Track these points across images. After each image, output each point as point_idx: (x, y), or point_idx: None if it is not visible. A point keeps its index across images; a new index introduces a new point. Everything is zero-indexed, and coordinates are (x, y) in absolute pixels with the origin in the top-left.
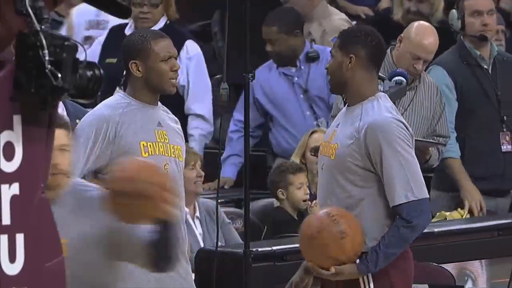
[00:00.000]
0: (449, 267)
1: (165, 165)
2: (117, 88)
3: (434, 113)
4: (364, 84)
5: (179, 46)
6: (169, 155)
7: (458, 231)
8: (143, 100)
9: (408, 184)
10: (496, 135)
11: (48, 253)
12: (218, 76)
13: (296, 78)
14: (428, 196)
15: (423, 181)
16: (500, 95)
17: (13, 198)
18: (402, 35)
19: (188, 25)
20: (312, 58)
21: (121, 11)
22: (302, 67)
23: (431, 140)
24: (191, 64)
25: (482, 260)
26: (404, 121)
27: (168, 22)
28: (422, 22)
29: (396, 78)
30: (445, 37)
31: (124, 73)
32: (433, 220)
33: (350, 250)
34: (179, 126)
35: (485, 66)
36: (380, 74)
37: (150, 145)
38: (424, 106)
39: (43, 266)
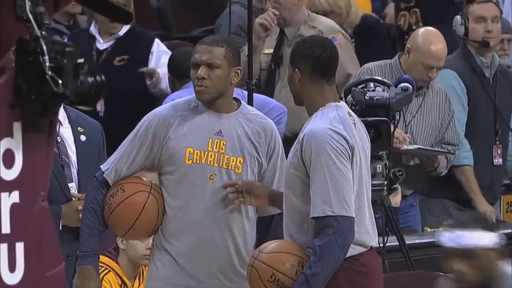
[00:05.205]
0: None
1: (210, 175)
2: None
3: (442, 120)
4: (314, 96)
5: (149, 44)
6: (220, 165)
7: None
8: (209, 107)
9: (328, 198)
10: (489, 147)
11: (49, 262)
12: None
13: None
14: (350, 215)
15: (350, 198)
16: (498, 107)
17: (13, 207)
18: (409, 46)
19: (191, 31)
20: None
21: (123, 16)
22: None
23: (439, 149)
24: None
25: None
26: (344, 133)
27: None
28: (427, 28)
29: (402, 84)
30: None
31: None
32: (441, 229)
33: None
34: (264, 139)
35: (487, 75)
36: (385, 80)
37: (197, 153)
38: (433, 113)
39: (44, 275)
